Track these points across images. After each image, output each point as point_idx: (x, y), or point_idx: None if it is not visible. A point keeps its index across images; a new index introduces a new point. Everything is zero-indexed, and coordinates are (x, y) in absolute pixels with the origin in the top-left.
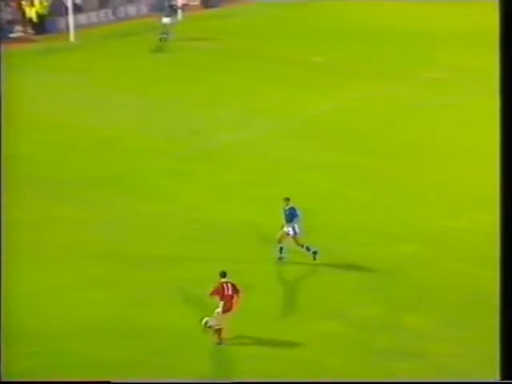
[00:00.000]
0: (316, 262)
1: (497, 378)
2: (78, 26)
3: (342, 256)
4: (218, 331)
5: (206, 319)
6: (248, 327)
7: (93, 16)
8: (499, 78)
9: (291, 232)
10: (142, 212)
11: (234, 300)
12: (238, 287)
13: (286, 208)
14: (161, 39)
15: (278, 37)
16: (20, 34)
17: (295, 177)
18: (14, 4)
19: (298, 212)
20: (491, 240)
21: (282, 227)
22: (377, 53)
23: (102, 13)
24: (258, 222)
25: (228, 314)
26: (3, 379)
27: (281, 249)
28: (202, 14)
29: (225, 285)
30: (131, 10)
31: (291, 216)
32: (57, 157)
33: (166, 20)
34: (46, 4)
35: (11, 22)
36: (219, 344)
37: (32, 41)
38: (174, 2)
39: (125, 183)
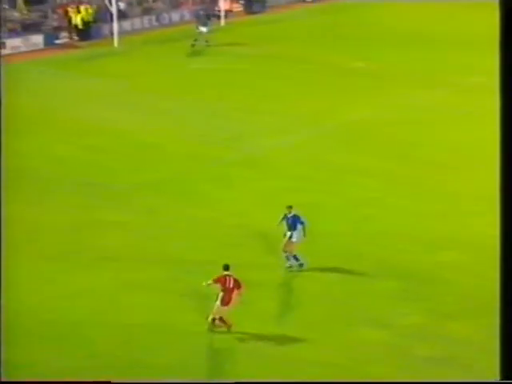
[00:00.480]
0: (356, 269)
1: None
2: (121, 33)
3: (382, 263)
4: (220, 320)
5: (210, 317)
6: (291, 334)
7: (137, 22)
8: (499, 78)
9: (295, 239)
10: (185, 217)
11: (235, 293)
12: (240, 282)
13: (289, 216)
14: (193, 45)
15: (321, 42)
16: (65, 41)
17: (335, 183)
18: (60, 11)
19: (303, 219)
20: None
21: (285, 235)
22: (417, 58)
23: (146, 19)
24: None
25: (227, 308)
26: (3, 379)
27: (288, 257)
28: (245, 19)
29: (227, 278)
30: (175, 16)
31: (294, 223)
32: (99, 161)
33: (202, 29)
34: (91, 11)
35: (57, 29)
36: (228, 330)
37: (76, 47)
38: (209, 12)
39: (167, 188)
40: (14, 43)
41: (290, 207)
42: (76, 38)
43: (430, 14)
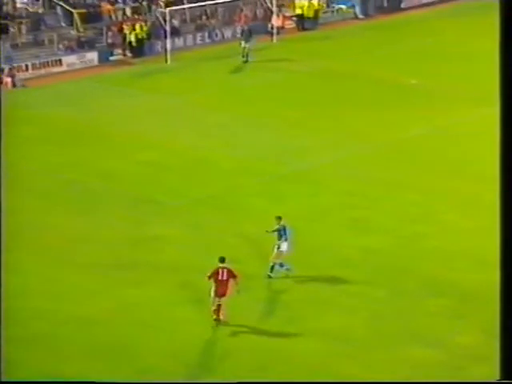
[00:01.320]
0: (406, 286)
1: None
2: (174, 49)
3: (432, 280)
4: (216, 312)
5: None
6: (338, 351)
7: (189, 39)
8: (499, 79)
9: (284, 249)
10: (235, 232)
11: (230, 284)
12: (235, 272)
13: (278, 227)
14: (244, 62)
15: (373, 59)
16: (119, 57)
17: (386, 199)
18: (114, 28)
19: (289, 230)
20: None
21: (277, 246)
22: (471, 75)
23: (199, 36)
24: (350, 244)
25: (223, 298)
26: (3, 379)
27: (273, 267)
28: (297, 36)
29: (220, 270)
30: (227, 32)
31: (284, 234)
32: (151, 176)
33: (244, 44)
34: (145, 28)
35: (111, 46)
36: (216, 322)
37: (130, 63)
38: (251, 28)
39: (218, 203)
40: (69, 60)
41: (280, 218)
42: (130, 54)
43: (485, 30)
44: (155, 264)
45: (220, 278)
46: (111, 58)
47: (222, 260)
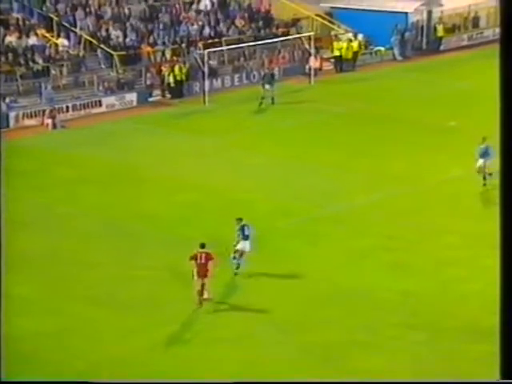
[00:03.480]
0: (445, 330)
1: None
2: (212, 90)
3: (472, 325)
4: (200, 292)
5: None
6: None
7: (227, 80)
8: (499, 80)
9: (247, 248)
10: (272, 274)
11: (209, 266)
12: (212, 255)
13: (239, 227)
14: (260, 104)
15: (411, 101)
16: (158, 98)
17: (423, 242)
18: (153, 69)
19: (249, 229)
20: None
21: (236, 245)
22: None
23: (236, 77)
24: (388, 287)
25: (206, 279)
26: (3, 379)
27: (238, 265)
28: (335, 78)
29: (199, 254)
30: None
31: (244, 234)
32: (190, 218)
33: (267, 87)
34: (184, 70)
35: (150, 87)
36: (200, 305)
37: (168, 104)
38: (273, 71)
39: (254, 246)
40: (109, 101)
41: (240, 219)
42: (168, 95)
43: None
44: (191, 303)
45: (199, 261)
46: (150, 99)
47: (203, 246)
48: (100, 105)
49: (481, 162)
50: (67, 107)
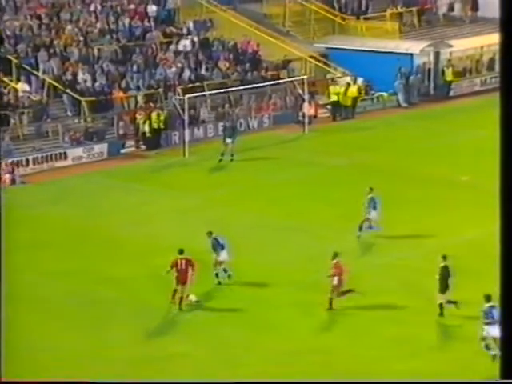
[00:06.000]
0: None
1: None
2: (193, 141)
3: None
4: (178, 300)
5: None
6: None
7: (210, 129)
8: (499, 81)
9: (227, 257)
10: (261, 350)
11: (189, 274)
12: (193, 261)
13: (212, 240)
14: (220, 160)
15: (417, 152)
16: (132, 150)
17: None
18: (127, 117)
19: (223, 241)
20: None
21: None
22: None
23: (220, 125)
24: (393, 368)
25: (185, 286)
26: (3, 379)
27: (217, 274)
28: (333, 126)
29: (179, 261)
30: (253, 122)
31: (217, 245)
32: (167, 284)
33: (228, 141)
34: (161, 117)
35: (123, 137)
36: (180, 309)
37: (143, 157)
38: (235, 124)
39: (241, 316)
40: (75, 153)
41: (210, 233)
42: (143, 146)
43: None
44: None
45: (179, 267)
46: (122, 151)
47: (181, 252)
48: (65, 157)
49: None
50: (28, 160)
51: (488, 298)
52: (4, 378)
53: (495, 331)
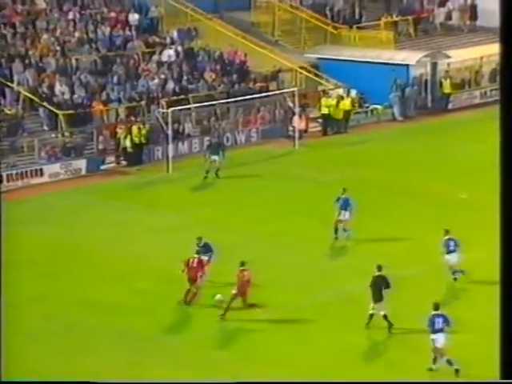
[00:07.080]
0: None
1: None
2: (177, 156)
3: None
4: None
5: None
6: None
7: (195, 144)
8: (500, 93)
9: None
10: (251, 376)
11: (199, 274)
12: (205, 262)
13: (199, 247)
14: (205, 177)
15: (415, 168)
16: (112, 166)
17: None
18: (106, 132)
19: (209, 246)
20: None
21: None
22: None
23: (206, 140)
24: None
25: (197, 284)
26: (3, 379)
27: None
28: (324, 140)
29: (191, 259)
30: (240, 136)
31: (207, 250)
32: (147, 308)
33: (214, 158)
34: (144, 132)
35: (102, 152)
36: (187, 305)
37: (124, 173)
38: (221, 141)
39: (228, 342)
40: (52, 170)
41: (200, 238)
42: (124, 162)
43: None
44: None
45: (190, 265)
46: (102, 167)
47: (198, 252)
48: (41, 174)
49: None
50: (1, 177)
51: (436, 307)
52: (4, 378)
53: (441, 339)
